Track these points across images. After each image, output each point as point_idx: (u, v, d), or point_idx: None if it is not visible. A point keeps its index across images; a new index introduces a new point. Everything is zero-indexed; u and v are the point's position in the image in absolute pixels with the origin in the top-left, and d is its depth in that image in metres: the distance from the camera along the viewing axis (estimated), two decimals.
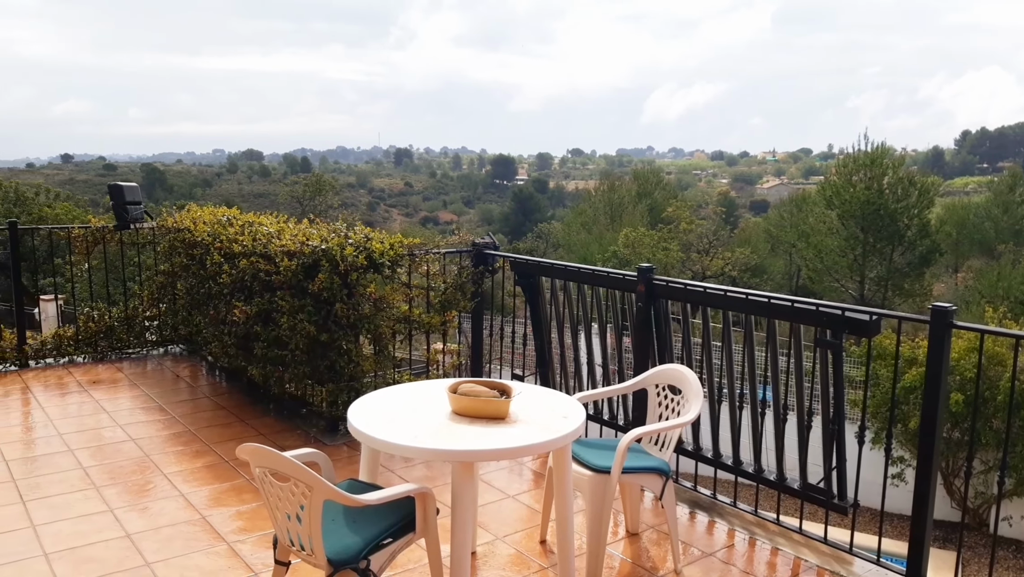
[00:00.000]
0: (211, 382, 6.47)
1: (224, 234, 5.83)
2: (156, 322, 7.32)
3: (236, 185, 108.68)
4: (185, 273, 6.60)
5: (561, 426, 2.90)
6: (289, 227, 5.64)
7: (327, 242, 4.96)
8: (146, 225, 7.21)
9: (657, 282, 4.38)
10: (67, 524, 3.78)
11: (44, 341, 6.83)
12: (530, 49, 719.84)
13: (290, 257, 5.05)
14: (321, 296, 4.90)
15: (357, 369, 5.01)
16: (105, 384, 6.30)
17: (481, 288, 5.74)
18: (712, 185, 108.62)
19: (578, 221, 47.45)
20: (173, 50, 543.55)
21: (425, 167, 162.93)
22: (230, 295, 5.67)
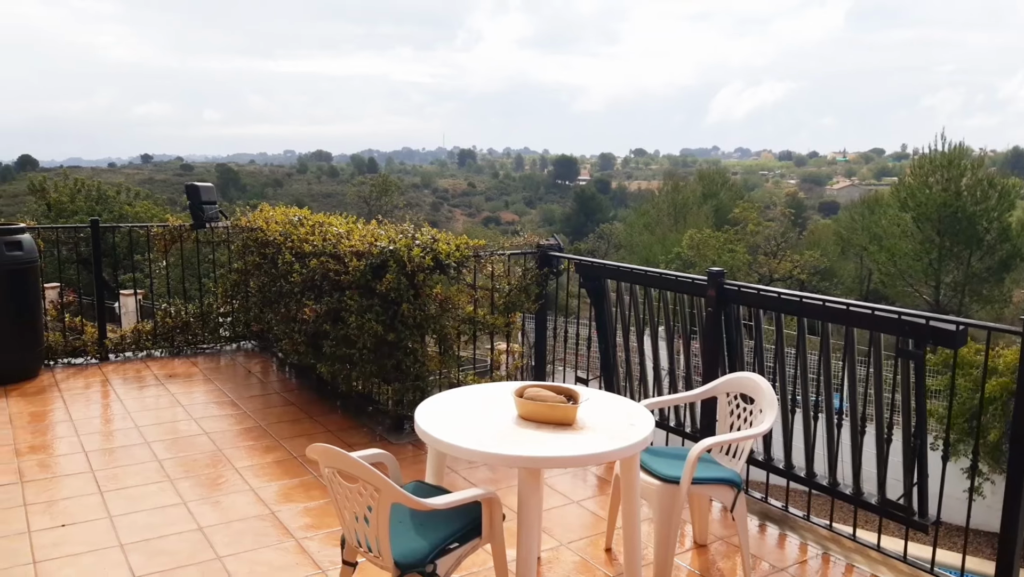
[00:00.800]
0: (281, 378, 6.61)
1: (295, 234, 5.95)
2: (229, 319, 7.52)
3: (306, 185, 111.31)
4: (257, 271, 6.76)
5: (630, 434, 2.85)
6: (358, 227, 5.71)
7: (395, 243, 5.00)
8: (221, 224, 7.41)
9: (728, 287, 4.27)
10: (142, 516, 3.90)
11: (123, 335, 7.09)
12: (594, 49, 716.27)
13: (359, 257, 5.11)
14: (388, 296, 4.94)
15: (422, 369, 5.04)
16: (180, 378, 6.49)
17: (545, 290, 5.71)
18: (779, 186, 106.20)
19: (641, 222, 46.97)
20: (248, 54, 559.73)
21: (488, 168, 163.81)
22: (300, 294, 5.78)
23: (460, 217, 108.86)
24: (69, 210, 38.39)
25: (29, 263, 6.21)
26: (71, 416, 5.42)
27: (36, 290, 6.34)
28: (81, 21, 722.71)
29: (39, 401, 5.75)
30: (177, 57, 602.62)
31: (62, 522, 3.78)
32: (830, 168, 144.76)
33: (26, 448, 4.78)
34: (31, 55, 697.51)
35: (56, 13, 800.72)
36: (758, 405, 3.38)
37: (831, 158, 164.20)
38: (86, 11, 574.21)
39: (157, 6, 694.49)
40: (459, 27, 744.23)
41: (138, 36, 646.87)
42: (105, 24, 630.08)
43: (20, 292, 6.17)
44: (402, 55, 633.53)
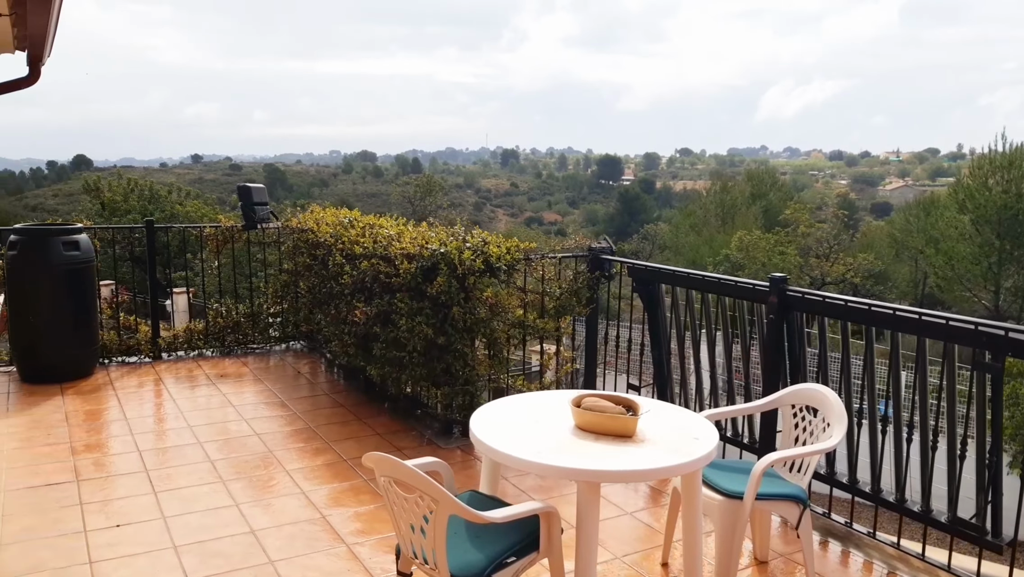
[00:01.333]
0: (329, 379, 6.62)
1: (346, 236, 5.94)
2: (279, 319, 7.57)
3: (351, 185, 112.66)
4: (308, 273, 6.78)
5: (692, 449, 2.74)
6: (408, 229, 5.68)
7: (445, 245, 4.95)
8: (272, 225, 7.47)
9: (791, 293, 4.12)
10: (195, 517, 3.91)
11: (176, 335, 7.18)
12: (640, 48, 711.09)
13: (409, 260, 5.07)
14: (439, 299, 4.89)
15: (472, 373, 4.98)
16: (231, 378, 6.55)
17: (596, 294, 5.61)
18: (830, 186, 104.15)
19: (687, 223, 46.44)
20: (296, 55, 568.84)
21: (531, 167, 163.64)
22: (351, 295, 5.77)
23: (503, 217, 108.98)
24: (122, 209, 39.40)
25: (86, 263, 6.32)
26: (125, 415, 5.49)
27: (92, 290, 6.45)
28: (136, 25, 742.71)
29: (94, 399, 5.85)
30: (227, 59, 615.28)
31: (117, 522, 3.81)
32: (883, 168, 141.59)
33: (82, 446, 4.85)
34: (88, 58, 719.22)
35: (113, 17, 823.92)
36: (825, 418, 3.24)
37: (884, 158, 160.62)
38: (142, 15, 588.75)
39: (209, 9, 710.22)
40: (504, 27, 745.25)
41: (190, 39, 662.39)
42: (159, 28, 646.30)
43: (77, 291, 6.28)
44: (447, 55, 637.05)
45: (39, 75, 6.39)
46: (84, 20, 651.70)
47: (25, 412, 5.50)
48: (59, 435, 5.03)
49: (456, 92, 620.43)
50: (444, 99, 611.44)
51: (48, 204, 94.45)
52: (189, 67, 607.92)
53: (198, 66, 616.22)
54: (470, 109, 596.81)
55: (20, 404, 5.69)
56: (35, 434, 5.04)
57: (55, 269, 6.13)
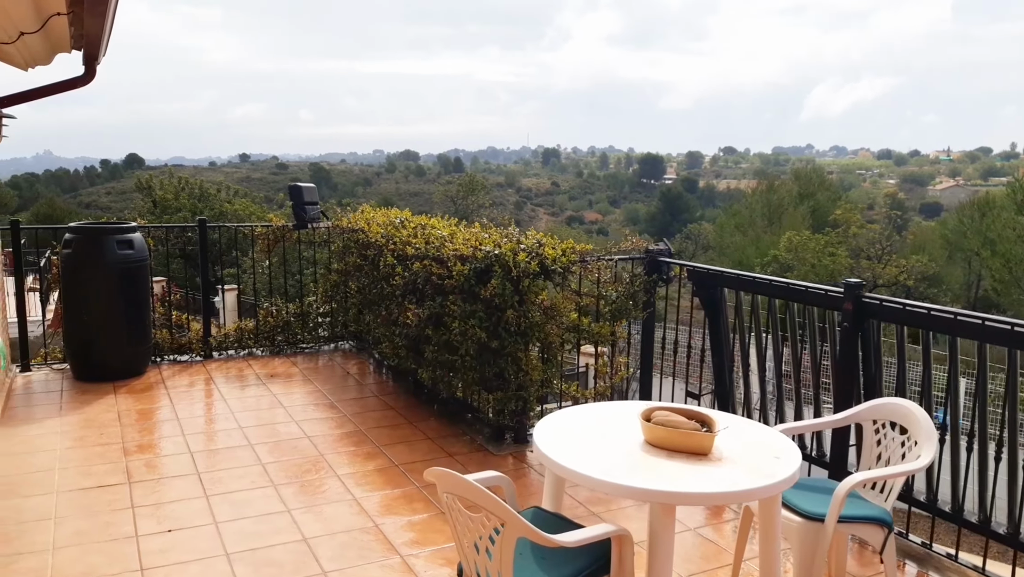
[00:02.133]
0: (378, 380, 6.54)
1: (397, 236, 5.85)
2: (328, 319, 7.53)
3: (394, 184, 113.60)
4: (358, 273, 6.72)
5: (775, 470, 2.55)
6: (460, 231, 5.56)
7: (500, 247, 4.82)
8: (322, 225, 7.42)
9: (868, 300, 3.89)
10: (248, 523, 3.83)
11: (227, 334, 7.18)
12: (683, 46, 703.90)
13: (463, 261, 4.95)
14: (493, 302, 4.77)
15: (526, 378, 4.84)
16: (281, 378, 6.51)
17: (654, 298, 5.42)
18: (878, 186, 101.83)
19: (732, 222, 45.72)
20: (340, 55, 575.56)
21: (572, 166, 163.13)
22: (402, 297, 5.68)
23: (543, 216, 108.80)
24: (173, 207, 40.25)
25: (139, 262, 6.34)
26: (177, 414, 5.47)
27: (146, 288, 6.47)
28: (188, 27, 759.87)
29: (146, 398, 5.85)
30: (275, 60, 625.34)
31: (169, 527, 3.75)
32: (932, 168, 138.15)
33: (134, 447, 4.83)
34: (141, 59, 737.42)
35: (166, 20, 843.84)
36: (913, 437, 3.02)
37: (934, 157, 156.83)
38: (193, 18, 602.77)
39: (259, 12, 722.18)
40: (547, 25, 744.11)
41: (239, 41, 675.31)
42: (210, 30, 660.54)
43: (131, 290, 6.30)
44: (490, 54, 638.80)
45: (95, 74, 6.43)
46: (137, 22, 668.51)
47: (78, 411, 5.52)
48: (111, 435, 5.03)
49: (498, 91, 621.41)
50: (486, 98, 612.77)
51: (102, 201, 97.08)
52: (238, 68, 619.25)
53: (246, 67, 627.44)
54: (512, 108, 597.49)
55: (73, 402, 5.71)
56: (88, 433, 5.05)
57: (109, 268, 6.16)
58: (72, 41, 5.97)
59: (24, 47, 5.72)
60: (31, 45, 5.72)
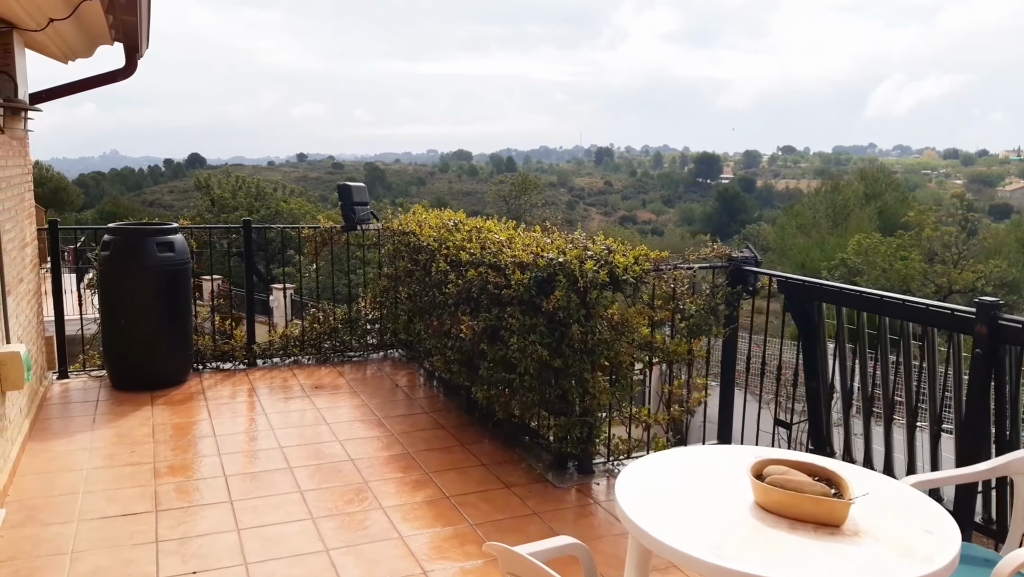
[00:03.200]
0: (429, 394, 6.09)
1: (451, 240, 5.39)
2: (377, 325, 7.12)
3: (447, 184, 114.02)
4: (408, 279, 6.28)
5: (931, 550, 1.99)
6: (520, 235, 5.06)
7: (564, 254, 4.30)
8: (372, 226, 7.01)
9: (1008, 324, 3.26)
10: (280, 565, 3.40)
11: (271, 341, 6.82)
12: (742, 43, 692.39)
13: (522, 270, 4.46)
14: (555, 316, 4.26)
15: (592, 402, 4.32)
16: (327, 390, 6.11)
17: (737, 312, 4.84)
18: (944, 186, 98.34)
19: (794, 223, 44.27)
20: (398, 56, 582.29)
21: (625, 166, 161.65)
22: (455, 306, 5.21)
23: (596, 216, 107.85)
24: (231, 205, 40.79)
25: (181, 264, 6.01)
26: (214, 431, 5.10)
27: (187, 293, 6.14)
28: (250, 29, 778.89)
29: (184, 411, 5.50)
30: (333, 61, 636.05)
31: (193, 569, 3.34)
32: (1002, 168, 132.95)
33: (165, 468, 4.46)
34: (205, 61, 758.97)
35: (228, 22, 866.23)
36: None
37: (1003, 157, 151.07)
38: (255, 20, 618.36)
39: (317, 15, 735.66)
40: (604, 24, 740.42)
41: (300, 42, 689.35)
42: (271, 32, 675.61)
43: (171, 295, 5.98)
44: (545, 54, 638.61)
45: (135, 67, 6.12)
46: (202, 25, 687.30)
47: (112, 424, 5.20)
48: (143, 453, 4.67)
49: (552, 91, 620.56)
50: (539, 98, 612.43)
51: (164, 200, 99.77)
52: (298, 69, 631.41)
53: (306, 68, 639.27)
54: (565, 108, 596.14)
55: (108, 415, 5.40)
56: (119, 451, 4.70)
57: (149, 271, 5.85)
58: (112, 32, 5.67)
59: (58, 37, 5.42)
60: (66, 35, 5.42)
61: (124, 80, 6.18)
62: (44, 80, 6.16)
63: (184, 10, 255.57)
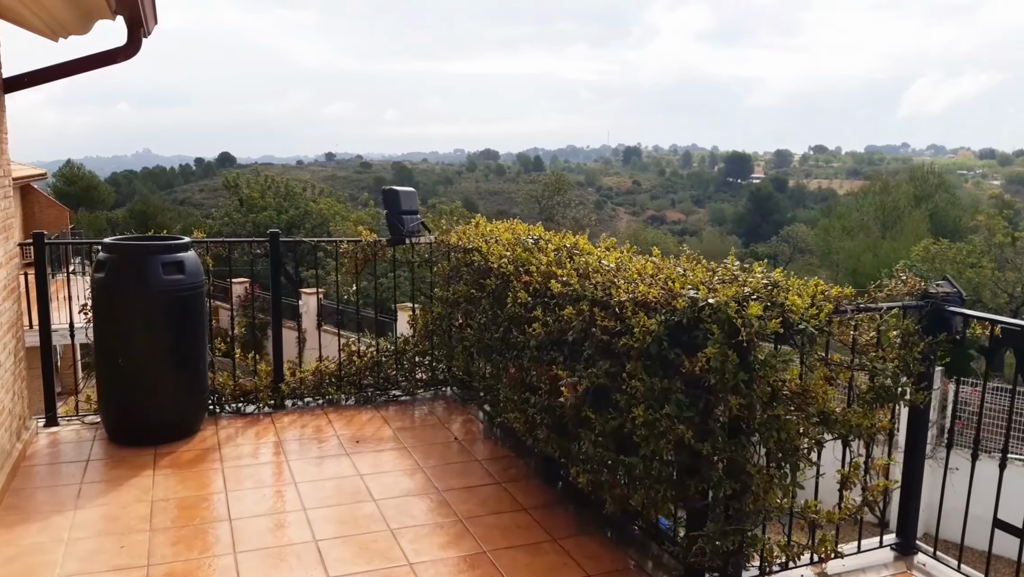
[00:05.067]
0: (494, 450, 4.88)
1: (531, 262, 4.17)
2: (428, 358, 5.92)
3: (474, 183, 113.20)
4: (470, 307, 5.07)
5: None
6: (631, 257, 3.83)
7: (713, 291, 3.06)
8: (423, 240, 5.82)
9: None
10: None
11: (303, 379, 5.64)
12: (774, 41, 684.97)
13: (648, 311, 3.22)
14: (702, 380, 3.02)
15: (752, 502, 3.07)
16: (370, 444, 4.93)
17: (933, 369, 3.57)
18: (981, 187, 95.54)
19: (838, 225, 42.44)
20: (429, 56, 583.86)
21: (653, 165, 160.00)
22: (541, 351, 3.99)
23: (624, 216, 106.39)
24: (259, 205, 40.00)
25: (193, 288, 4.86)
26: (230, 512, 3.93)
27: (201, 323, 4.99)
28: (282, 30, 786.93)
29: (193, 478, 4.33)
30: (365, 61, 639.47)
31: None
32: None
33: (160, 575, 3.29)
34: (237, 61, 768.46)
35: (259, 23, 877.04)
36: None
37: None
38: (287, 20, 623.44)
39: (350, 14, 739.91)
40: (635, 22, 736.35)
41: (331, 42, 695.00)
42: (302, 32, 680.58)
43: (180, 326, 4.83)
44: (576, 53, 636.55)
45: (139, 45, 4.98)
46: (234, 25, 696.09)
47: (101, 499, 4.05)
48: (135, 548, 3.51)
49: (580, 89, 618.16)
50: (567, 97, 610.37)
51: (195, 199, 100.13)
52: (329, 69, 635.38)
53: (337, 68, 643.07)
54: (592, 106, 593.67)
55: (98, 483, 4.25)
56: (103, 545, 3.55)
57: (153, 298, 4.71)
58: (112, 4, 4.53)
59: (42, 9, 4.27)
60: (51, 7, 4.29)
61: (126, 61, 5.04)
62: (34, 61, 5.07)
63: (217, 10, 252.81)
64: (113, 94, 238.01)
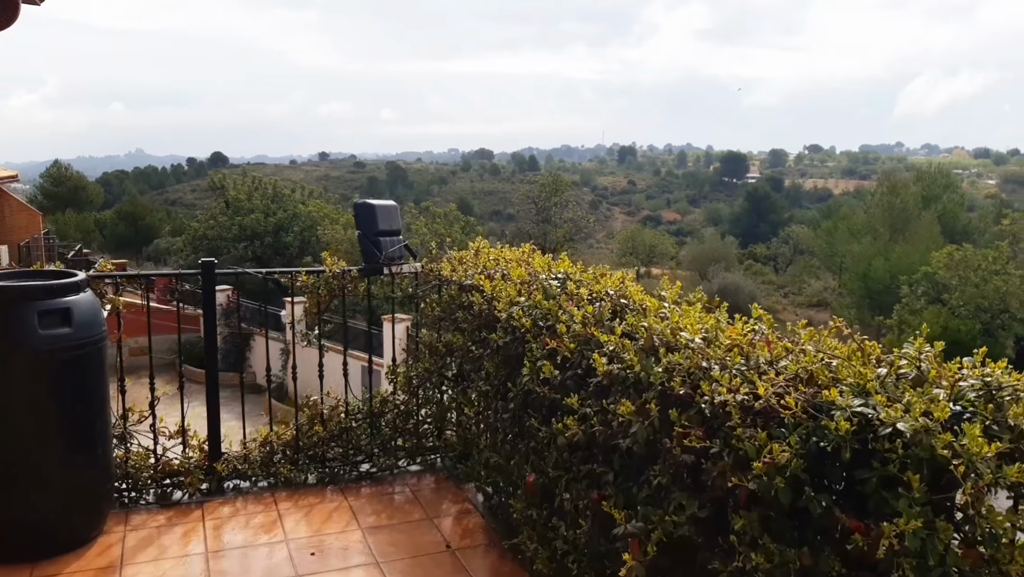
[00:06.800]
0: (502, 566, 3.54)
1: (558, 316, 2.84)
2: (412, 420, 4.58)
3: (469, 183, 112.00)
4: (469, 362, 3.74)
5: None
6: (723, 322, 2.50)
7: (894, 404, 1.74)
8: (407, 268, 4.48)
9: None
10: None
11: (247, 455, 4.28)
12: (773, 40, 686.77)
13: (768, 422, 1.90)
14: (882, 568, 1.70)
15: None
16: (330, 556, 3.59)
17: None
18: (976, 187, 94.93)
19: (843, 227, 41.17)
20: (429, 56, 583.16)
21: (648, 165, 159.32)
22: (573, 452, 2.66)
23: (619, 216, 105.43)
24: (246, 208, 38.51)
25: (86, 344, 3.52)
26: None
27: (100, 388, 3.64)
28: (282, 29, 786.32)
29: None
30: (364, 61, 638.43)
31: None
32: None
33: None
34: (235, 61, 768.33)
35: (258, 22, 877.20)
36: None
37: None
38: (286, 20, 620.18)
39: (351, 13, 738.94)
40: (635, 21, 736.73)
41: (329, 42, 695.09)
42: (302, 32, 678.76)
43: (70, 395, 3.49)
44: (576, 52, 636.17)
45: (17, 10, 3.66)
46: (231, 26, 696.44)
47: None
48: None
49: (576, 89, 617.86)
50: (563, 96, 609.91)
51: (186, 199, 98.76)
52: (326, 69, 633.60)
53: (335, 68, 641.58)
54: (588, 106, 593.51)
55: None
56: None
57: (27, 360, 3.37)
58: None
59: None
60: None
61: (6, 28, 3.73)
62: None
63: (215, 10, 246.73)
64: (107, 94, 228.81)
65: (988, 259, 21.89)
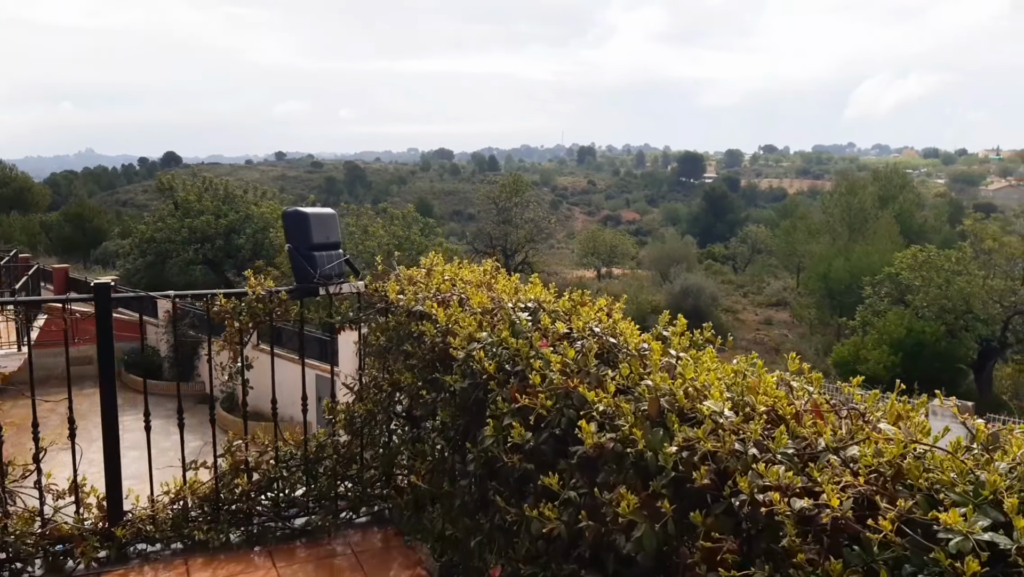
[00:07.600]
0: None
1: (530, 361, 2.21)
2: (355, 466, 3.91)
3: (428, 183, 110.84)
4: (420, 408, 3.09)
5: None
6: (759, 373, 1.89)
7: None
8: (346, 288, 3.80)
9: None
10: None
11: (154, 513, 3.57)
12: (728, 42, 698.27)
13: None
14: None
15: None
16: None
17: None
18: (927, 186, 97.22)
19: (802, 227, 41.28)
20: (387, 55, 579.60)
21: (608, 165, 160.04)
22: (553, 544, 2.04)
23: (579, 216, 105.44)
24: (196, 209, 37.12)
25: None
26: None
27: None
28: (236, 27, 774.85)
29: None
30: (321, 59, 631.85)
31: None
32: (982, 167, 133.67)
33: None
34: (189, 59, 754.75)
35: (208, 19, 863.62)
36: None
37: (983, 156, 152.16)
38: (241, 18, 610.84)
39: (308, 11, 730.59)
40: (593, 23, 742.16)
41: (285, 40, 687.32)
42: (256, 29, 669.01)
43: None
44: (533, 52, 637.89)
45: None
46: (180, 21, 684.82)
47: None
48: None
49: (535, 89, 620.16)
50: (522, 97, 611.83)
51: (138, 200, 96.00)
52: (283, 67, 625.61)
53: (292, 66, 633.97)
54: (548, 106, 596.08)
55: None
56: None
57: None
58: None
59: None
60: None
61: None
62: None
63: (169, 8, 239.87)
64: (56, 93, 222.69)
65: (951, 260, 21.89)
